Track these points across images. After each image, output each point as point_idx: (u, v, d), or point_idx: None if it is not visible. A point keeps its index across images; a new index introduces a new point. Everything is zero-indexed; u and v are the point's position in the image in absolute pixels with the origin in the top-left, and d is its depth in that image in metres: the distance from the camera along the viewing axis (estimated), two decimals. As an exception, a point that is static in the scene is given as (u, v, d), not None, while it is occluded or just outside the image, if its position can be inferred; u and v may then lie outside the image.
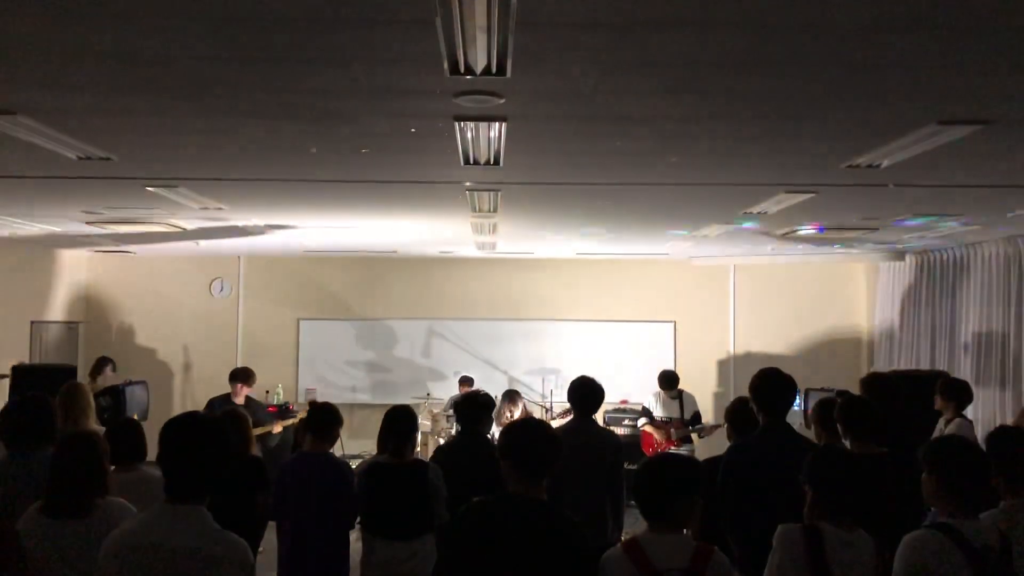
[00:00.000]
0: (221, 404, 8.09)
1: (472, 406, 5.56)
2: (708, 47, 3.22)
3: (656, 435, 9.15)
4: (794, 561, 3.26)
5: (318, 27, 3.06)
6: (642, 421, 9.45)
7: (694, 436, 9.27)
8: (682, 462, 3.35)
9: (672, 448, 8.88)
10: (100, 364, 9.43)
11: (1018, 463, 3.62)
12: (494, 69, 3.39)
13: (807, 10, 2.83)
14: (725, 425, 5.54)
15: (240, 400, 8.51)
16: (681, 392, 9.35)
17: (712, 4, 2.81)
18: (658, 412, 9.31)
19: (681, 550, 3.08)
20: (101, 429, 5.11)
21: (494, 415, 6.72)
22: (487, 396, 5.87)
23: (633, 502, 3.62)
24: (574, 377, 5.88)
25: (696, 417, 9.30)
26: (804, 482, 3.43)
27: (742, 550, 4.33)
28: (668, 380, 9.43)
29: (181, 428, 2.83)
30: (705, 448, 8.84)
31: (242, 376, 8.79)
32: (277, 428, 8.97)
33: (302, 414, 9.09)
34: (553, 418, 10.06)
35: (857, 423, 4.71)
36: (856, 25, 2.96)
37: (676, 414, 9.21)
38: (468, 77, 3.49)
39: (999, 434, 3.85)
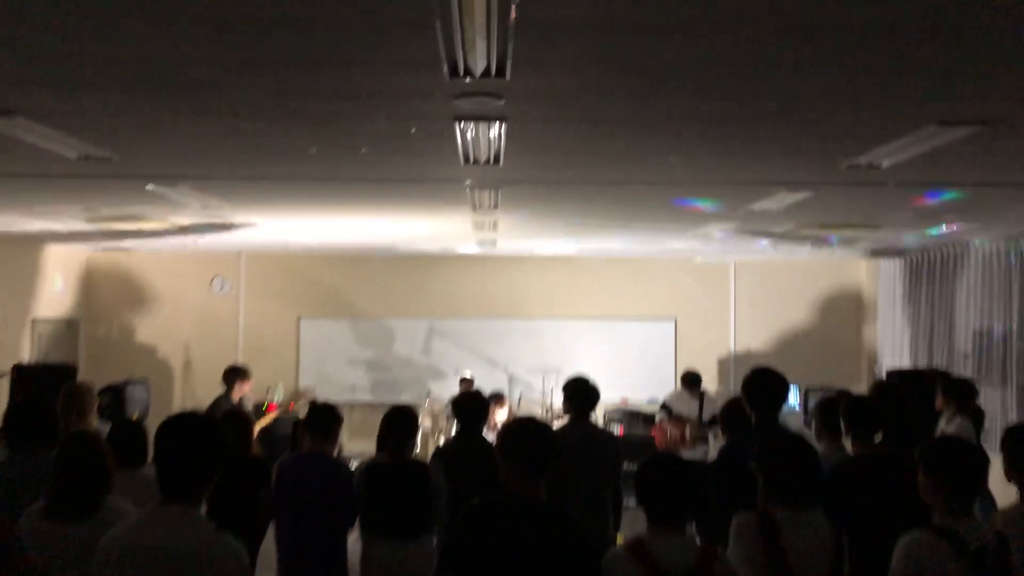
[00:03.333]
0: (223, 403, 8.02)
1: (470, 405, 5.56)
2: (707, 48, 3.21)
3: (671, 430, 9.06)
4: (749, 548, 3.26)
5: (318, 30, 3.06)
6: (660, 415, 9.39)
7: (710, 437, 9.23)
8: (686, 462, 3.35)
9: (683, 447, 8.82)
10: (234, 375, 8.23)
11: None
12: (493, 71, 3.39)
13: (807, 11, 2.83)
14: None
15: (235, 398, 8.35)
16: (703, 393, 9.31)
17: (711, 5, 2.81)
18: (676, 411, 9.27)
19: (686, 551, 3.07)
20: (106, 427, 5.09)
21: None
22: (482, 395, 5.87)
23: (633, 501, 3.62)
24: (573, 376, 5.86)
25: (715, 419, 9.27)
26: (754, 469, 3.43)
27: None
28: (691, 380, 9.39)
29: (175, 427, 2.82)
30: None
31: (238, 375, 8.49)
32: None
33: (272, 414, 9.04)
34: (554, 419, 10.04)
35: (860, 423, 4.71)
36: (856, 26, 2.96)
37: (695, 414, 9.17)
38: (468, 80, 3.49)
39: (1015, 432, 3.85)
